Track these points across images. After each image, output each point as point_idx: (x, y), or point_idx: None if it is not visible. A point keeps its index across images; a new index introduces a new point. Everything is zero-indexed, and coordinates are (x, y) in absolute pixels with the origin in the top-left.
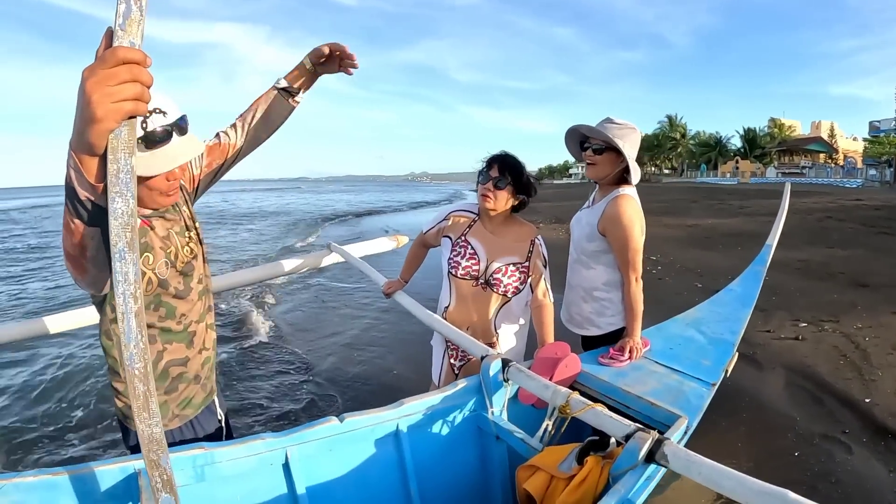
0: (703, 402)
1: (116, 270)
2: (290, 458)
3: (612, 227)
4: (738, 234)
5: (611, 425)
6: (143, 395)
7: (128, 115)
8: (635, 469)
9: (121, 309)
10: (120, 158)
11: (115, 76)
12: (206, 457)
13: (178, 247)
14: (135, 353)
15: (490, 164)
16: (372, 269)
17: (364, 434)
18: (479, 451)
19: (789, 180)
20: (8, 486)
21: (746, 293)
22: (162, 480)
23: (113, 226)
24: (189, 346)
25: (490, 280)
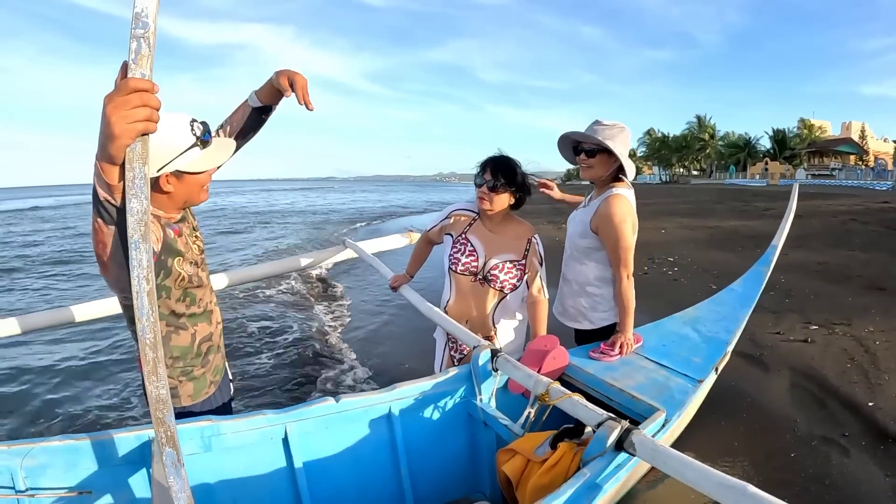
0: (686, 397)
1: (132, 257)
2: (290, 433)
3: (604, 225)
4: (760, 237)
5: (585, 414)
6: (152, 360)
7: (140, 133)
8: (604, 456)
9: (135, 288)
10: (135, 167)
11: (128, 102)
12: (213, 428)
13: (192, 245)
14: (146, 326)
15: (483, 167)
16: (383, 265)
17: (358, 414)
18: (468, 437)
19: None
20: (36, 449)
21: (747, 293)
22: (166, 436)
23: (130, 221)
24: (209, 323)
25: (488, 276)
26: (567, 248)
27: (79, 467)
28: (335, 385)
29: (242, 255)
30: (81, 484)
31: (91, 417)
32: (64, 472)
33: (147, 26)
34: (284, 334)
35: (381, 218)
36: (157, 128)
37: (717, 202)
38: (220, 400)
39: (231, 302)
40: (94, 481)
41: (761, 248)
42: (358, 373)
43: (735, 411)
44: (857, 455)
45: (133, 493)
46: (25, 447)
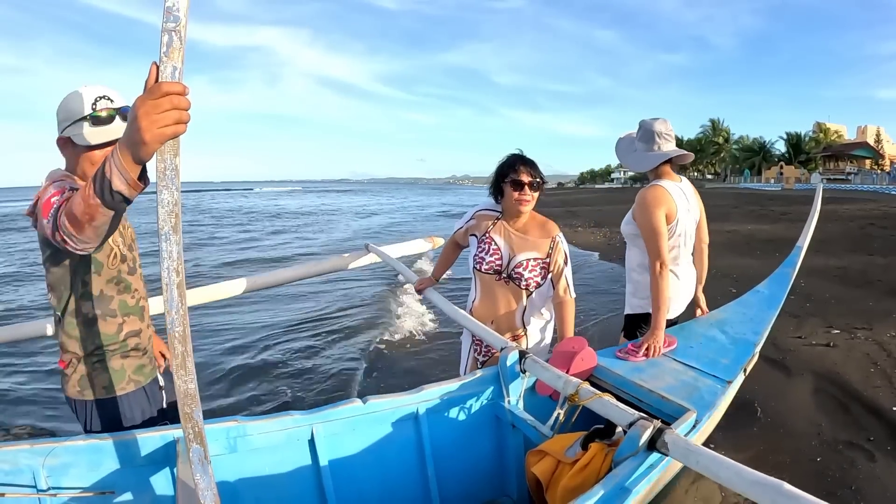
0: (716, 398)
1: (162, 249)
2: (316, 434)
3: (638, 210)
4: (778, 240)
5: (616, 414)
6: (181, 354)
7: (170, 138)
8: (636, 456)
9: (165, 280)
10: (167, 159)
11: (159, 106)
12: (239, 429)
13: (124, 226)
14: (175, 319)
15: (517, 168)
16: (407, 269)
17: (385, 416)
18: (496, 439)
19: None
20: (59, 448)
21: (773, 295)
22: (194, 432)
23: (160, 213)
24: (140, 319)
25: (512, 274)
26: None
27: (101, 467)
28: (361, 386)
29: None
30: (103, 483)
31: None
32: (86, 472)
33: (178, 20)
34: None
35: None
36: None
37: (733, 206)
38: (143, 405)
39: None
40: (117, 481)
41: (780, 252)
42: (382, 375)
43: (760, 415)
44: (882, 460)
45: (155, 493)
46: (48, 446)
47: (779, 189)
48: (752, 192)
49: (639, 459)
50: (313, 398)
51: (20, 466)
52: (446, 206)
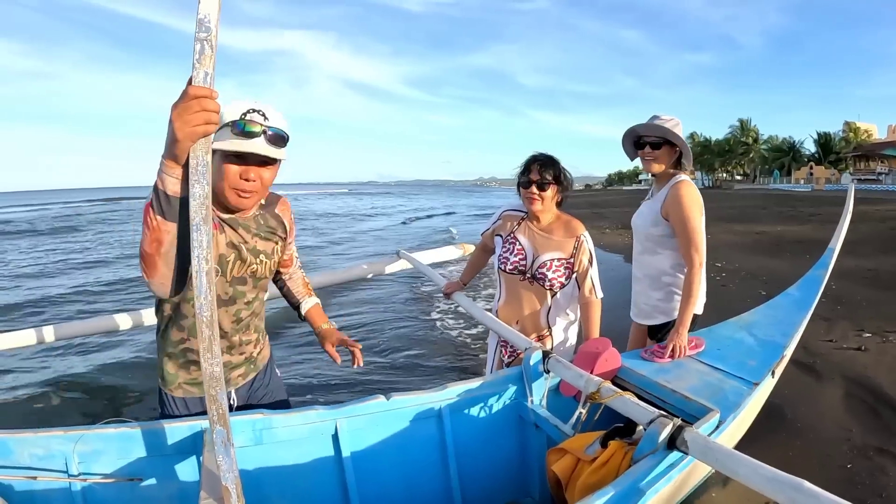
0: (742, 399)
1: (193, 238)
2: (340, 429)
3: (675, 208)
4: (808, 242)
5: (636, 412)
6: (208, 338)
7: (200, 136)
8: (655, 454)
9: (195, 268)
10: (199, 155)
11: (189, 109)
12: (265, 422)
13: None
14: (204, 304)
15: (528, 167)
16: (438, 275)
17: (408, 413)
18: (519, 439)
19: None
20: (90, 435)
21: (804, 298)
22: (218, 414)
23: (192, 205)
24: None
25: (536, 274)
26: (636, 245)
27: (130, 454)
28: (386, 383)
29: None
30: (131, 470)
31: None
32: (116, 459)
33: (209, 30)
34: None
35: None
36: (216, 128)
37: (762, 207)
38: (190, 411)
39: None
40: (145, 468)
41: (810, 253)
42: (406, 373)
43: (789, 420)
44: None
45: (182, 482)
46: (79, 433)
47: (809, 190)
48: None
49: (658, 457)
50: (337, 394)
51: (53, 452)
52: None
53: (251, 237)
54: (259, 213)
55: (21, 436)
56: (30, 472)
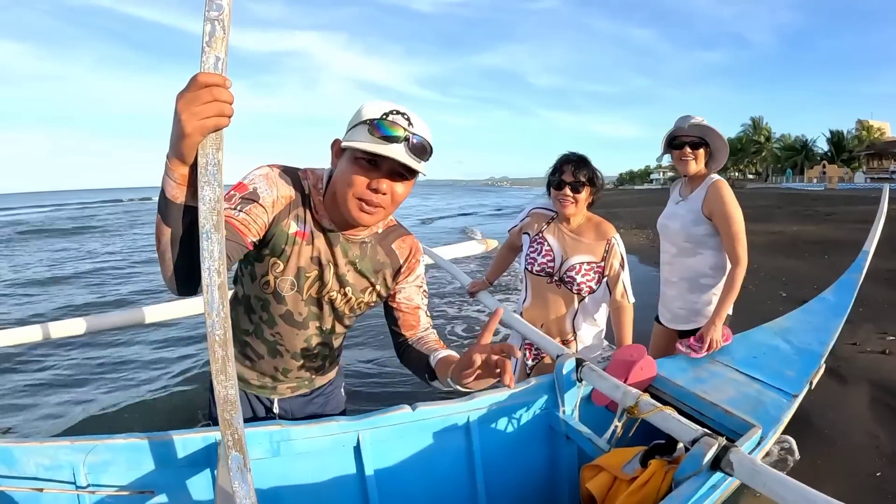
0: (782, 413)
1: (203, 248)
2: (362, 441)
3: (718, 206)
4: (825, 242)
5: (678, 429)
6: (221, 359)
7: (211, 130)
8: (699, 475)
9: (206, 282)
10: (209, 153)
11: (198, 98)
12: (283, 433)
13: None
14: (216, 322)
15: (561, 168)
16: (460, 271)
17: (434, 424)
18: (549, 450)
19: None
20: (99, 446)
21: (839, 302)
22: (233, 439)
23: (202, 210)
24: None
25: (564, 278)
26: (670, 248)
27: (141, 466)
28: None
29: None
30: (143, 483)
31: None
32: (126, 471)
33: (221, 8)
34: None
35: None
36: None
37: (776, 207)
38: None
39: None
40: (156, 481)
41: (828, 254)
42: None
43: (817, 426)
44: None
45: (195, 496)
46: (89, 443)
47: (822, 189)
48: (795, 193)
49: (701, 479)
50: (359, 404)
51: (60, 462)
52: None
53: (345, 263)
54: (370, 241)
55: (27, 445)
56: (36, 483)
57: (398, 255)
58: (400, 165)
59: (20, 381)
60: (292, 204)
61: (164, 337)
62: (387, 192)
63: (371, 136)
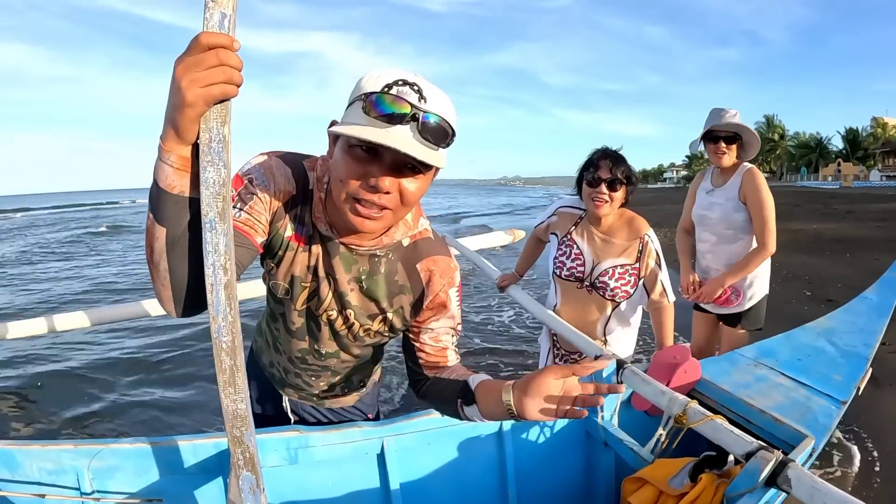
0: (832, 421)
1: (207, 241)
2: (387, 448)
3: (753, 192)
4: (847, 240)
5: (731, 441)
6: (229, 369)
7: (217, 100)
8: (753, 492)
9: (210, 280)
10: (213, 128)
11: (201, 62)
12: (301, 440)
13: (318, 298)
14: (223, 326)
15: (597, 163)
16: (487, 262)
17: (464, 430)
18: (585, 458)
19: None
20: (105, 450)
21: (883, 302)
22: (244, 458)
23: (204, 195)
24: (274, 349)
25: (596, 283)
26: (708, 237)
27: (149, 472)
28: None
29: None
30: (151, 490)
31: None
32: (133, 477)
33: None
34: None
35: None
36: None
37: (794, 205)
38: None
39: None
40: (165, 488)
41: (851, 252)
42: None
43: (855, 432)
44: None
45: None
46: (94, 448)
47: (837, 187)
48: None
49: (756, 496)
50: (384, 409)
51: (64, 467)
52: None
53: (348, 279)
54: (385, 255)
55: (29, 448)
56: (38, 488)
57: (422, 280)
58: (406, 155)
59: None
60: (291, 201)
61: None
62: (391, 191)
63: (367, 115)
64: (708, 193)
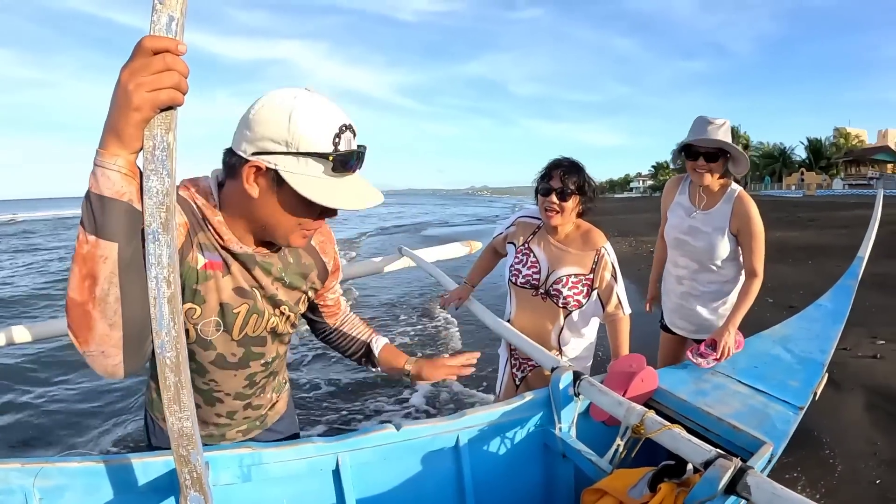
0: (790, 427)
1: (150, 252)
2: (342, 464)
3: (746, 224)
4: (809, 248)
5: (689, 450)
6: (174, 386)
7: (164, 105)
8: (713, 500)
9: (153, 293)
10: (157, 135)
11: (148, 66)
12: (254, 456)
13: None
14: (166, 342)
15: (549, 173)
16: (443, 274)
17: (422, 444)
18: (544, 470)
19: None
20: (51, 469)
21: (837, 309)
22: (191, 478)
23: (147, 205)
24: (209, 404)
25: (550, 291)
26: (689, 265)
27: (100, 491)
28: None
29: None
30: None
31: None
32: (82, 496)
33: None
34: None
35: None
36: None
37: None
38: None
39: None
40: None
41: (813, 259)
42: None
43: (814, 435)
44: None
45: None
46: (38, 466)
47: (801, 196)
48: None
49: None
50: (339, 424)
51: (11, 486)
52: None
53: (271, 282)
54: (286, 249)
55: None
56: None
57: (321, 255)
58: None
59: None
60: (191, 231)
61: None
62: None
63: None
64: (689, 216)
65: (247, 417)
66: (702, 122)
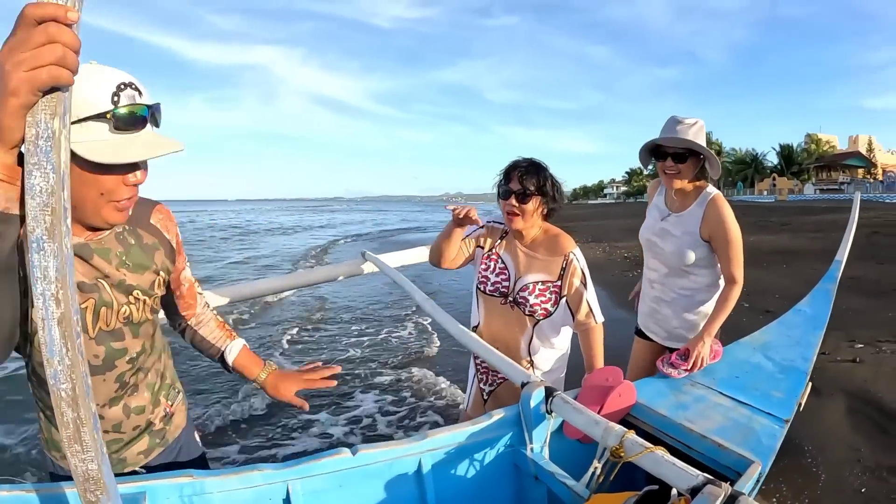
0: (776, 442)
1: (34, 265)
2: (292, 493)
3: (720, 229)
4: (783, 252)
5: (674, 475)
6: (72, 422)
7: (45, 86)
8: None
9: (40, 314)
10: (40, 121)
11: (27, 41)
12: (195, 486)
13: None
14: (60, 372)
15: (508, 175)
16: (407, 280)
17: (380, 470)
18: (515, 493)
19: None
20: None
21: (817, 314)
22: None
23: (30, 206)
24: None
25: (517, 298)
26: (660, 268)
27: None
28: (348, 430)
29: None
30: None
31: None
32: None
33: None
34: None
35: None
36: (73, 79)
37: None
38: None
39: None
40: None
41: (787, 263)
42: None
43: (796, 443)
44: None
45: None
46: None
47: (773, 201)
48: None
49: None
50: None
51: None
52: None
53: (114, 268)
54: (123, 230)
55: None
56: None
57: (163, 231)
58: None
59: None
60: None
61: None
62: (141, 180)
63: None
64: (662, 218)
65: (137, 427)
66: (672, 122)
